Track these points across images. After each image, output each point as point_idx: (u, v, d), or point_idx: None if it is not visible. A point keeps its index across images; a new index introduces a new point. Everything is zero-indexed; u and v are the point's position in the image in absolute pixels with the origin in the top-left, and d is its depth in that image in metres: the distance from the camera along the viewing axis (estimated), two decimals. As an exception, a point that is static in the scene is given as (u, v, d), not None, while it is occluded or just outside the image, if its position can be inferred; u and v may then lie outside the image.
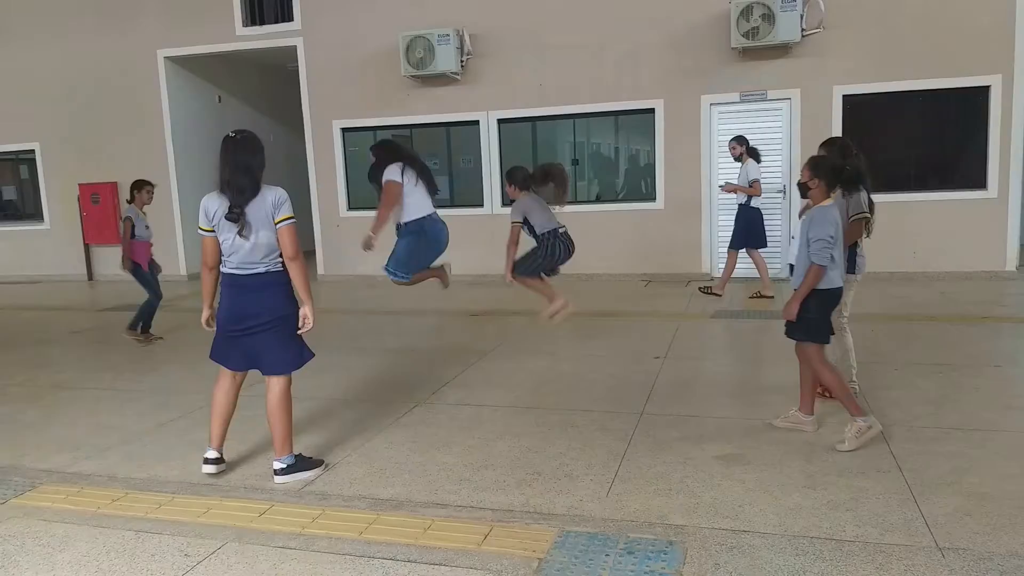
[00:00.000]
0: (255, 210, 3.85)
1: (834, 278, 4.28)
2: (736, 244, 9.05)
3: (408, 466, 4.23)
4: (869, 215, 4.83)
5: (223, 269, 4.00)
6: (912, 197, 9.68)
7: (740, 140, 8.96)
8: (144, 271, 7.82)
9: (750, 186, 8.75)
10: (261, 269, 3.93)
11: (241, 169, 3.83)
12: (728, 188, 9.05)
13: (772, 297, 8.90)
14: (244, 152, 3.88)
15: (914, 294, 8.96)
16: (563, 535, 3.32)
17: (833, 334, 4.52)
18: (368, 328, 7.87)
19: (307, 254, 13.52)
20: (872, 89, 9.87)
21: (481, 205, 11.56)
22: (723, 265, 9.35)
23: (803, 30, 9.64)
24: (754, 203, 8.88)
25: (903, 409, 4.80)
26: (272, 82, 14.71)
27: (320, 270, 12.44)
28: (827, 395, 4.78)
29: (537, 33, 10.91)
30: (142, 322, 7.84)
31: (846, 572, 2.95)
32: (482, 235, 10.85)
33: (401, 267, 6.29)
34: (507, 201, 6.54)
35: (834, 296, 4.36)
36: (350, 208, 12.11)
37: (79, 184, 13.32)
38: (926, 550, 3.09)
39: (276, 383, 4.03)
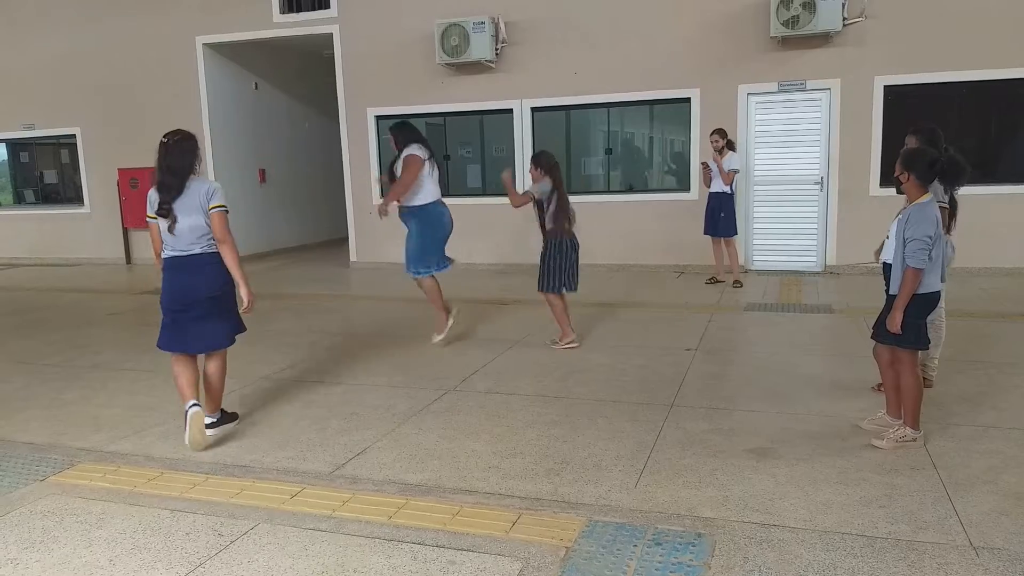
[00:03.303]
0: (185, 202, 4.27)
1: (932, 281, 4.04)
2: (734, 231, 9.49)
3: (437, 452, 4.26)
4: (947, 205, 4.71)
5: (164, 253, 4.40)
6: (958, 193, 9.47)
7: (722, 133, 9.26)
8: None
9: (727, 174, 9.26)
10: (197, 250, 4.33)
11: (171, 171, 4.28)
12: (729, 175, 9.27)
13: (723, 282, 9.53)
14: (174, 155, 4.30)
15: (953, 290, 8.70)
16: (591, 524, 3.32)
17: (930, 342, 4.34)
18: (400, 315, 7.91)
19: (341, 241, 13.69)
20: (914, 80, 9.66)
21: (513, 194, 11.53)
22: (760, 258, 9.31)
23: (844, 19, 9.47)
24: (726, 191, 9.32)
25: (939, 406, 4.72)
26: (308, 69, 14.80)
27: (353, 257, 12.53)
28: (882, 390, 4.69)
29: (572, 21, 10.84)
30: None
31: (877, 569, 2.92)
32: (513, 224, 10.85)
33: (421, 263, 6.48)
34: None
35: (932, 300, 4.12)
36: (383, 195, 12.15)
37: (118, 169, 13.54)
38: (960, 549, 3.05)
39: (218, 355, 4.53)
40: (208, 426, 4.48)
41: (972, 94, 9.66)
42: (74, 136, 14.08)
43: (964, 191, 4.79)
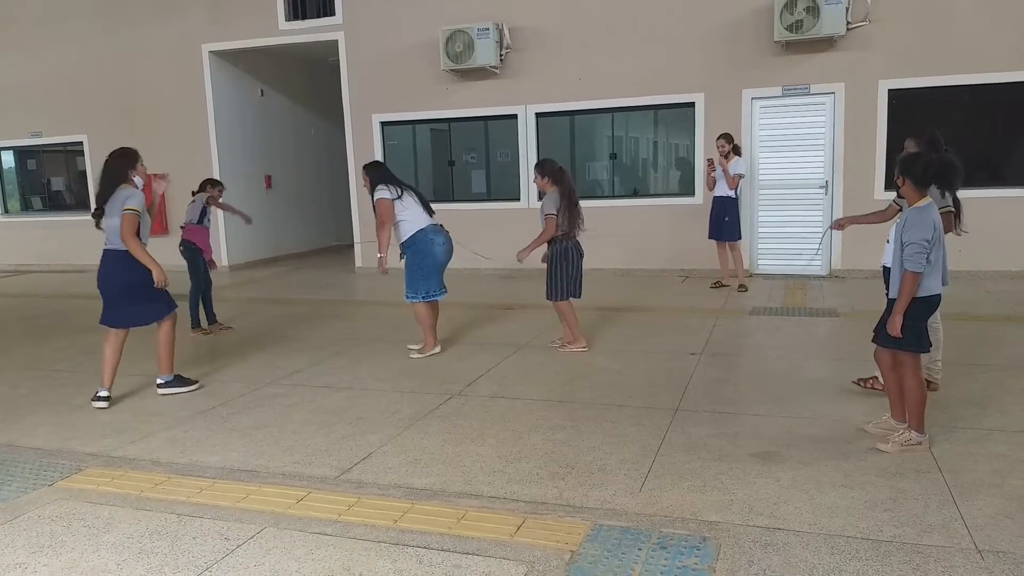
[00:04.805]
0: (112, 206, 5.24)
1: (932, 285, 4.06)
2: (739, 235, 9.55)
3: (443, 457, 4.27)
4: (954, 210, 4.74)
5: (104, 247, 5.34)
6: (958, 194, 9.46)
7: (728, 138, 9.26)
8: (201, 259, 7.84)
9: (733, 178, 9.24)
10: (116, 246, 5.27)
11: (103, 181, 5.30)
12: (734, 179, 9.25)
13: (728, 286, 9.55)
14: (109, 169, 5.30)
15: (959, 293, 8.75)
16: (596, 528, 3.33)
17: (931, 344, 4.31)
18: (404, 320, 7.91)
19: (346, 246, 13.70)
20: (918, 83, 9.66)
21: (517, 199, 11.57)
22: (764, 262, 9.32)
23: (848, 23, 9.48)
24: (731, 195, 9.32)
25: (944, 409, 4.71)
26: (314, 76, 14.87)
27: (359, 262, 12.57)
28: (878, 388, 4.72)
29: (576, 27, 10.88)
30: (191, 317, 7.89)
31: (882, 572, 2.92)
32: (518, 229, 10.83)
33: (409, 288, 6.59)
34: (542, 195, 6.53)
35: (932, 304, 4.13)
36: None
37: (125, 175, 13.59)
38: (965, 552, 3.05)
39: (164, 325, 5.54)
40: (159, 385, 5.60)
41: (977, 97, 9.65)
42: (81, 143, 14.16)
43: (970, 194, 4.81)
